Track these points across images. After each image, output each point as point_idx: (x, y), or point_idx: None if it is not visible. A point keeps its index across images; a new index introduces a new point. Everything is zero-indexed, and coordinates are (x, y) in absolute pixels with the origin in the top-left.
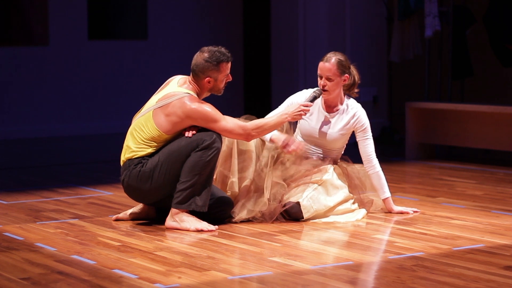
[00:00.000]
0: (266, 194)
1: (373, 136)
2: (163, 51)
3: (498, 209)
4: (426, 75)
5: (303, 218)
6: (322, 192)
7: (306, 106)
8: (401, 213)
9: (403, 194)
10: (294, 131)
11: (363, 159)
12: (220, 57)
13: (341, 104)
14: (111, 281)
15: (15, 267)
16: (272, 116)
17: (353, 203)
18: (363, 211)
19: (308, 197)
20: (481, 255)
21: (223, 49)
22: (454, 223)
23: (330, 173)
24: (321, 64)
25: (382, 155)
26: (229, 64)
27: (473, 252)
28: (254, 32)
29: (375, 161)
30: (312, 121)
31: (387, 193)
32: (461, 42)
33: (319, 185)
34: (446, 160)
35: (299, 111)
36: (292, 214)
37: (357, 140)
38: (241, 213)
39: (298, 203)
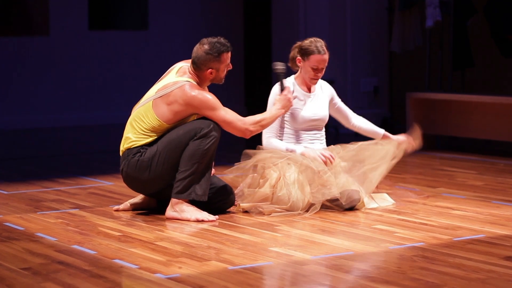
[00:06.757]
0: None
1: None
2: (164, 41)
3: (499, 200)
4: (427, 66)
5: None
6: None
7: (289, 92)
8: (399, 143)
9: (404, 185)
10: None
11: (347, 115)
12: (221, 48)
13: None
14: (111, 271)
15: (15, 257)
16: (267, 112)
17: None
18: (388, 196)
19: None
20: (481, 246)
21: (222, 40)
22: (454, 214)
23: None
24: (319, 57)
25: None
26: (230, 54)
27: (473, 243)
28: (255, 22)
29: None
30: (304, 109)
31: (381, 129)
32: (462, 32)
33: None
34: (446, 150)
35: (288, 99)
36: (354, 202)
37: (336, 106)
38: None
39: (357, 192)
